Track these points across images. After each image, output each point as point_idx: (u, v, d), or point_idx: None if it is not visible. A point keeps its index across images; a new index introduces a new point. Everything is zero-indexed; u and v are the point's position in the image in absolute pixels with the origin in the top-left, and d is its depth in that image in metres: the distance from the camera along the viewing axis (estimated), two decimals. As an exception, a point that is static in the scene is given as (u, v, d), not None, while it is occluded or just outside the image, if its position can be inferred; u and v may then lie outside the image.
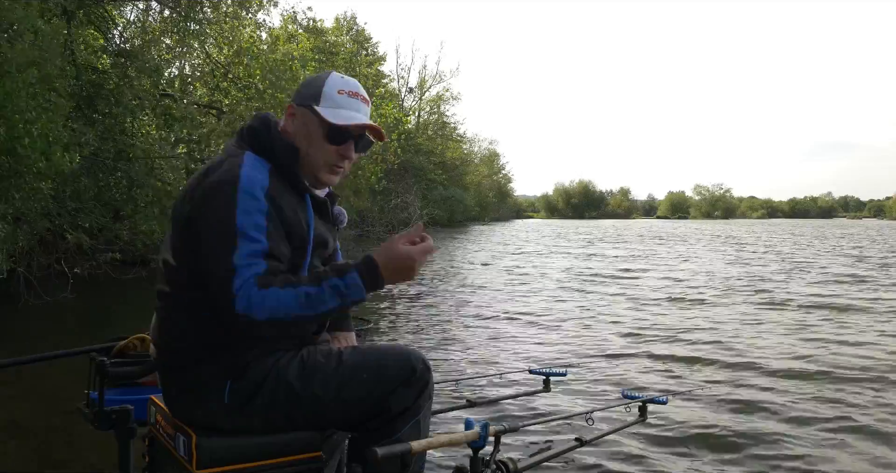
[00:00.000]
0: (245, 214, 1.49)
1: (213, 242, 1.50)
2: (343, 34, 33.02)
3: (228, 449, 1.54)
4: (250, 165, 1.58)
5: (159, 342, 1.67)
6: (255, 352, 1.58)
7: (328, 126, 1.67)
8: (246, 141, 1.68)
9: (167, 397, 1.66)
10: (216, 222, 1.50)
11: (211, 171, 1.59)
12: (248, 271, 1.45)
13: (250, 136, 1.68)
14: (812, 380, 4.76)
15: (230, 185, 1.52)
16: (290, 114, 1.71)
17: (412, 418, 1.66)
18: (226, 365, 1.57)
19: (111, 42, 11.69)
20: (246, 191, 1.51)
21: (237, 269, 1.44)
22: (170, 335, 1.63)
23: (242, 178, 1.53)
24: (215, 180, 1.55)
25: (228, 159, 1.61)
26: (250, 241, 1.47)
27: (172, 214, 1.65)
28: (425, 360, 1.72)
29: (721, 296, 9.57)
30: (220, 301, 1.45)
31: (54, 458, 3.20)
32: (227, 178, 1.54)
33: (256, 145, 1.65)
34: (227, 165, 1.58)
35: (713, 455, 3.29)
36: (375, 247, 1.60)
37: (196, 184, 1.60)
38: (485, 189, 58.66)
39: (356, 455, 1.70)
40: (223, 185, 1.53)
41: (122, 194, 10.08)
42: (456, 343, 6.03)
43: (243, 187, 1.51)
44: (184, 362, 1.59)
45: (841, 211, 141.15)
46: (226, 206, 1.50)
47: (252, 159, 1.60)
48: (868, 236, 31.98)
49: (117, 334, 2.17)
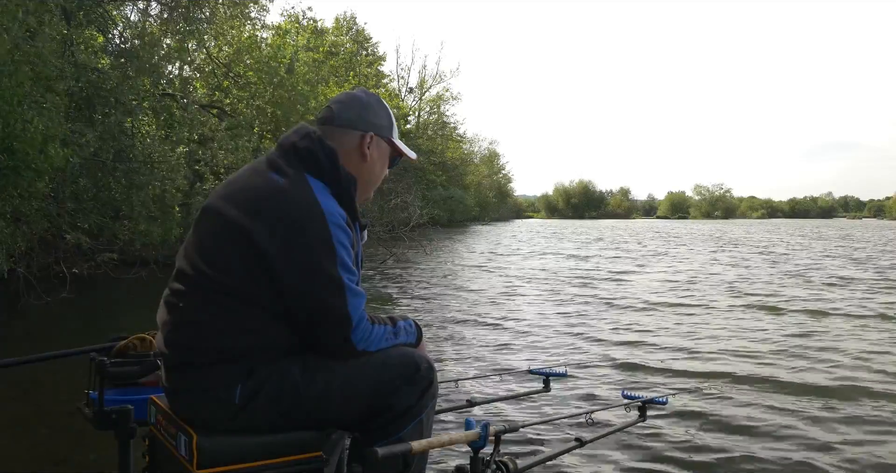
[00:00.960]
0: (342, 246, 1.57)
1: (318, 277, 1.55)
2: (343, 34, 33.04)
3: (229, 449, 1.54)
4: (320, 191, 1.61)
5: (174, 340, 1.61)
6: (267, 357, 1.58)
7: (398, 156, 1.87)
8: (303, 162, 1.65)
9: (172, 395, 1.65)
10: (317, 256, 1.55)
11: (278, 190, 1.58)
12: (360, 310, 1.60)
13: (308, 158, 1.65)
14: (812, 381, 4.76)
15: (318, 214, 1.56)
16: (371, 144, 1.78)
17: (415, 417, 1.67)
18: (240, 369, 1.57)
19: (111, 42, 11.68)
20: (335, 223, 1.57)
21: (352, 313, 1.58)
22: (189, 335, 1.59)
23: (325, 207, 1.58)
24: (296, 206, 1.56)
25: (293, 181, 1.60)
26: (351, 274, 1.59)
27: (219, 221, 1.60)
28: (429, 360, 1.73)
29: (721, 297, 9.57)
30: (338, 339, 1.59)
31: (54, 458, 3.20)
32: (310, 206, 1.57)
33: (315, 169, 1.65)
34: (298, 189, 1.59)
35: (713, 456, 3.29)
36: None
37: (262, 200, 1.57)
38: (485, 189, 58.71)
39: (357, 454, 1.71)
40: (310, 214, 1.56)
41: (122, 194, 10.07)
42: (456, 343, 6.03)
43: (332, 220, 1.57)
44: (200, 362, 1.57)
45: (841, 211, 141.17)
46: (323, 238, 1.55)
47: (317, 185, 1.62)
48: (868, 240, 31.98)
49: (117, 334, 2.16)
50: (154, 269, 10.13)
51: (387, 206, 20.53)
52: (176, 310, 1.62)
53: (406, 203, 21.67)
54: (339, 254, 1.56)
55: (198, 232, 1.65)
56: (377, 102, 1.82)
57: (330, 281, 1.55)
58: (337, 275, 1.55)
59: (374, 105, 1.80)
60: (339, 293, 1.55)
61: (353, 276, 1.59)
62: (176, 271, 1.65)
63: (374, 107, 1.80)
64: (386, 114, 1.82)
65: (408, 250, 17.57)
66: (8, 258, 7.28)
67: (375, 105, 1.81)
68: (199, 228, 1.66)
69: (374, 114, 1.79)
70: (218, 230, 1.60)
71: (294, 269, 1.54)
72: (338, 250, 1.56)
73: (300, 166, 1.64)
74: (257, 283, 1.54)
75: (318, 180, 1.63)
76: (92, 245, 9.44)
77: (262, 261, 1.53)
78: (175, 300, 1.62)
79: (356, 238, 1.68)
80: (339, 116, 1.76)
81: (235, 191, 1.64)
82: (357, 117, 1.77)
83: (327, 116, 1.78)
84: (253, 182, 1.63)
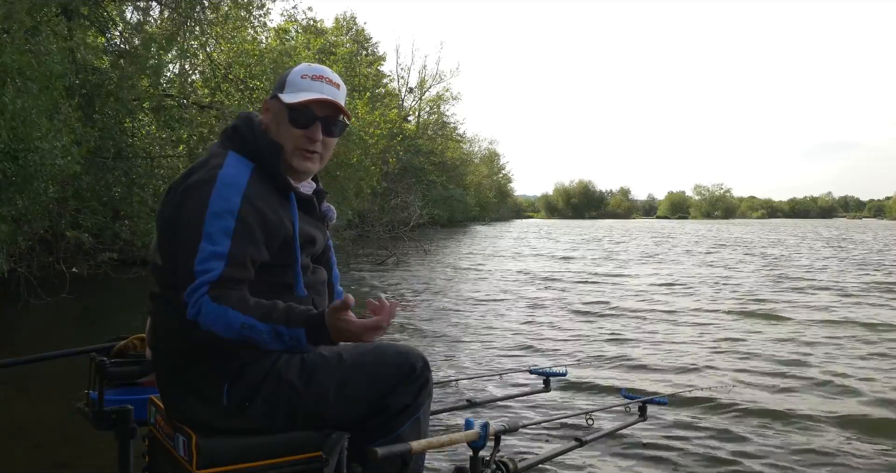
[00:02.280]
0: (214, 216, 1.48)
1: (179, 244, 1.50)
2: (343, 34, 33.04)
3: (228, 449, 1.54)
4: (231, 165, 1.57)
5: (154, 344, 1.66)
6: (252, 353, 1.57)
7: (289, 109, 1.65)
8: (229, 141, 1.66)
9: (165, 399, 1.65)
10: (186, 223, 1.50)
11: (192, 172, 1.59)
12: (203, 276, 1.44)
13: (234, 136, 1.67)
14: (811, 382, 4.76)
15: (206, 185, 1.51)
16: (266, 109, 1.71)
17: (412, 415, 1.67)
18: (222, 367, 1.56)
19: (111, 42, 11.69)
20: (220, 193, 1.50)
21: (195, 274, 1.45)
22: (164, 337, 1.62)
23: (219, 179, 1.52)
24: (193, 181, 1.55)
25: (210, 160, 1.60)
26: (212, 244, 1.46)
27: (158, 215, 1.64)
28: (424, 358, 1.73)
29: (721, 298, 9.58)
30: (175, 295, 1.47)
31: (54, 458, 3.20)
32: (205, 178, 1.53)
33: (239, 145, 1.64)
34: (208, 166, 1.57)
35: (713, 455, 3.29)
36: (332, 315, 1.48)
37: (177, 185, 1.59)
38: (485, 189, 58.70)
39: (356, 454, 1.71)
40: (200, 185, 1.53)
41: (122, 193, 10.08)
42: (456, 343, 6.03)
43: (218, 189, 1.50)
44: (180, 364, 1.58)
45: (841, 211, 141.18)
46: (198, 207, 1.50)
47: (234, 160, 1.59)
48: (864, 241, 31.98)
49: (117, 334, 2.16)
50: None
51: (387, 206, 20.54)
52: (152, 313, 1.65)
53: (406, 203, 21.67)
54: (208, 216, 1.47)
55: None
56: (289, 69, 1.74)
57: (187, 236, 1.48)
58: (197, 230, 1.47)
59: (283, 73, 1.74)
60: (191, 248, 1.46)
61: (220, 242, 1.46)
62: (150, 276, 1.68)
63: (282, 74, 1.74)
64: (285, 74, 1.71)
65: (408, 250, 17.58)
66: (9, 258, 7.28)
67: (284, 72, 1.74)
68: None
69: (276, 82, 1.73)
70: (157, 225, 1.64)
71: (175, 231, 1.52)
72: (209, 214, 1.47)
73: (228, 145, 1.65)
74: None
75: (240, 156, 1.61)
76: (92, 245, 9.44)
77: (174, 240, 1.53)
78: (150, 302, 1.65)
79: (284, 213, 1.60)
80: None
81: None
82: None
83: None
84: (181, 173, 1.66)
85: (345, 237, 17.41)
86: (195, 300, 1.44)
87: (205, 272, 1.45)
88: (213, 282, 1.44)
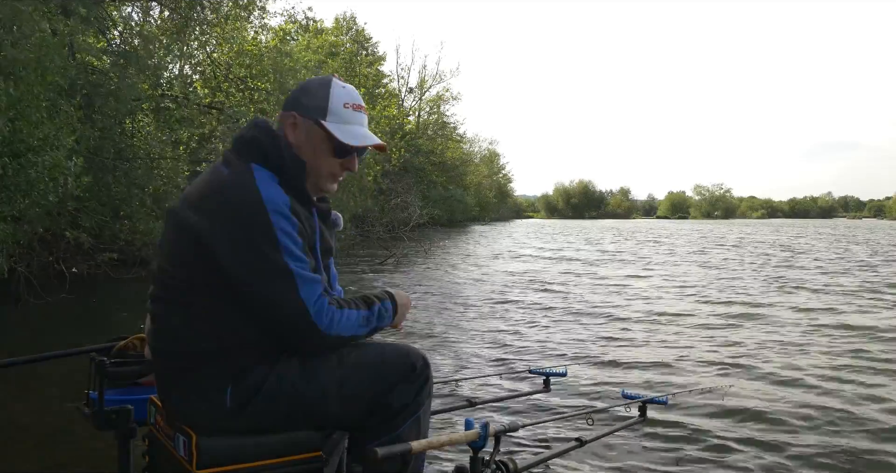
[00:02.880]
0: (285, 235, 1.52)
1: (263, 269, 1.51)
2: (343, 34, 33.05)
3: (228, 449, 1.54)
4: (263, 180, 1.57)
5: (157, 346, 1.64)
6: (255, 355, 1.58)
7: (338, 143, 1.69)
8: (249, 152, 1.64)
9: (166, 402, 1.65)
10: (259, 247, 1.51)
11: (220, 183, 1.57)
12: (315, 295, 1.55)
13: (255, 148, 1.64)
14: (812, 382, 4.75)
15: (257, 204, 1.52)
16: (294, 124, 1.69)
17: (412, 414, 1.67)
18: (226, 369, 1.56)
19: (111, 42, 11.68)
20: (276, 211, 1.52)
21: (306, 300, 1.53)
22: (168, 340, 1.61)
23: (265, 196, 1.53)
24: (236, 198, 1.53)
25: (236, 172, 1.59)
26: (299, 262, 1.54)
27: (174, 221, 1.62)
28: (425, 357, 1.73)
29: (721, 299, 9.57)
30: (300, 327, 1.55)
31: (54, 458, 3.19)
32: (250, 196, 1.53)
33: (261, 158, 1.63)
34: (240, 180, 1.56)
35: (713, 456, 3.29)
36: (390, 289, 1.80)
37: (206, 195, 1.57)
38: (485, 189, 58.69)
39: (356, 454, 1.71)
40: (250, 204, 1.52)
41: (122, 193, 10.07)
42: (456, 343, 6.02)
43: (273, 208, 1.52)
44: (184, 366, 1.58)
45: (841, 211, 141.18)
46: (263, 229, 1.51)
47: (263, 176, 1.59)
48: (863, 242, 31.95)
49: (117, 334, 2.16)
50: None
51: (387, 206, 20.53)
52: (155, 316, 1.64)
53: (406, 203, 21.67)
54: (281, 242, 1.52)
55: (164, 235, 1.67)
56: (319, 84, 1.71)
57: (276, 270, 1.52)
58: (283, 262, 1.52)
59: (312, 86, 1.72)
60: (288, 281, 1.52)
61: (302, 263, 1.54)
62: (152, 276, 1.67)
63: (312, 88, 1.71)
64: (323, 95, 1.68)
65: (408, 250, 17.57)
66: (8, 258, 7.27)
67: (314, 86, 1.71)
68: (165, 231, 1.67)
69: (306, 94, 1.70)
70: (175, 231, 1.61)
71: (239, 263, 1.52)
72: (280, 238, 1.52)
73: (247, 157, 1.63)
74: (215, 278, 1.54)
75: (264, 169, 1.60)
76: (92, 245, 9.44)
77: (213, 258, 1.52)
78: (153, 305, 1.64)
79: (311, 225, 1.65)
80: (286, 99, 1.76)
81: (190, 189, 1.65)
82: (293, 99, 1.72)
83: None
84: (204, 178, 1.65)
85: (345, 237, 17.39)
86: (327, 319, 1.56)
87: (315, 296, 1.55)
88: (326, 298, 1.57)
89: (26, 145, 6.41)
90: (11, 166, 6.36)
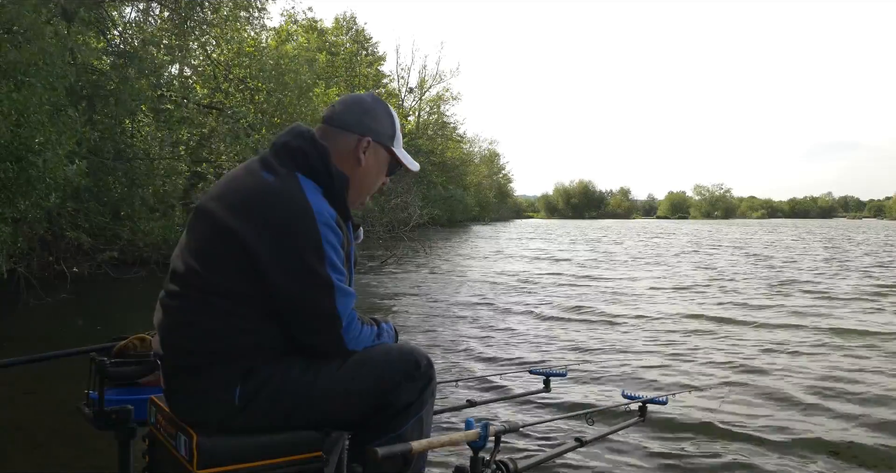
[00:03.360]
0: (331, 247, 1.56)
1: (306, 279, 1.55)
2: (343, 34, 33.06)
3: (229, 449, 1.54)
4: (311, 191, 1.59)
5: (171, 342, 1.62)
6: (265, 356, 1.59)
7: (398, 165, 1.83)
8: (294, 161, 1.64)
9: (171, 398, 1.64)
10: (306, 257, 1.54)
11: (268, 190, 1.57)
12: (349, 309, 1.61)
13: (300, 158, 1.64)
14: (811, 382, 4.76)
15: (307, 215, 1.54)
16: (365, 148, 1.75)
17: (415, 414, 1.67)
18: (237, 369, 1.57)
19: (111, 43, 11.68)
20: (325, 223, 1.56)
21: (342, 313, 1.59)
22: (182, 336, 1.59)
23: (315, 207, 1.56)
24: (286, 207, 1.55)
25: (283, 180, 1.59)
26: (340, 274, 1.58)
27: (209, 222, 1.60)
28: (428, 357, 1.74)
29: (721, 298, 9.58)
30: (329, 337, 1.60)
31: (54, 458, 3.20)
32: (301, 206, 1.55)
33: (306, 168, 1.63)
34: (289, 189, 1.57)
35: (713, 455, 3.29)
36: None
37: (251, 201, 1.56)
38: (485, 189, 58.74)
39: (356, 454, 1.71)
40: (300, 214, 1.54)
41: (123, 193, 10.08)
42: (456, 343, 6.03)
43: (322, 220, 1.56)
44: (195, 363, 1.57)
45: (841, 211, 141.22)
46: (312, 239, 1.54)
47: (308, 185, 1.60)
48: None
49: (117, 334, 2.16)
50: (154, 269, 10.12)
51: (387, 206, 20.51)
52: (171, 312, 1.62)
53: (406, 203, 21.66)
54: (327, 254, 1.55)
55: (191, 233, 1.65)
56: (383, 109, 1.80)
57: (319, 281, 1.55)
58: (326, 275, 1.55)
59: (378, 111, 1.78)
60: (328, 293, 1.56)
61: (342, 276, 1.59)
62: (170, 273, 1.65)
63: (378, 113, 1.78)
64: (390, 122, 1.79)
65: (408, 250, 17.57)
66: (8, 259, 7.28)
67: (380, 111, 1.79)
68: (192, 229, 1.65)
69: (375, 119, 1.77)
70: (210, 232, 1.60)
71: (283, 270, 1.54)
72: (326, 250, 1.55)
73: (292, 165, 1.63)
74: (250, 284, 1.54)
75: (309, 180, 1.62)
76: (92, 245, 9.44)
77: (253, 262, 1.53)
78: (170, 301, 1.62)
79: (348, 238, 1.68)
80: (340, 116, 1.76)
81: (228, 192, 1.63)
82: (356, 121, 1.75)
83: (328, 115, 1.78)
84: (244, 182, 1.63)
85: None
86: (355, 333, 1.63)
87: (349, 310, 1.61)
88: (356, 313, 1.64)
89: (27, 147, 6.41)
90: (13, 169, 6.36)
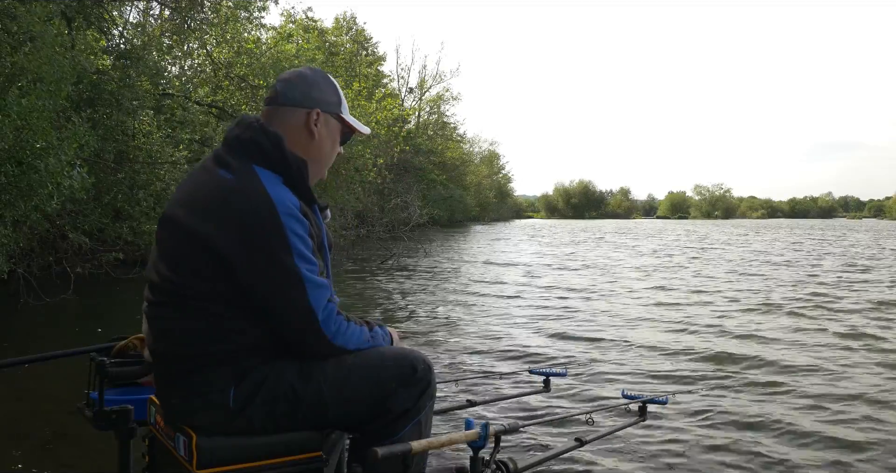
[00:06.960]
0: (297, 238, 1.53)
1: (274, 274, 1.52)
2: (343, 34, 33.04)
3: (228, 449, 1.54)
4: (270, 182, 1.56)
5: (159, 350, 1.61)
6: (258, 356, 1.58)
7: (350, 132, 1.80)
8: (248, 153, 1.61)
9: (166, 404, 1.64)
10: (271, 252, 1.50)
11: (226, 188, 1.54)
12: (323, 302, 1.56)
13: (254, 150, 1.61)
14: (811, 381, 4.76)
15: (269, 208, 1.51)
16: (317, 122, 1.71)
17: (413, 418, 1.66)
18: (230, 371, 1.56)
19: (112, 43, 11.68)
20: (288, 214, 1.52)
21: (315, 306, 1.55)
22: (169, 343, 1.58)
23: (276, 199, 1.52)
24: (246, 203, 1.51)
25: (241, 176, 1.56)
26: (309, 264, 1.55)
27: (172, 228, 1.59)
28: (427, 360, 1.72)
29: (721, 297, 9.58)
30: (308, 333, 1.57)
31: (54, 458, 3.20)
32: (261, 201, 1.51)
33: (262, 159, 1.60)
34: (247, 184, 1.54)
35: (713, 455, 3.29)
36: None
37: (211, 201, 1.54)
38: (485, 189, 58.65)
39: (357, 455, 1.70)
40: (261, 209, 1.51)
41: (124, 194, 10.07)
42: (456, 344, 6.02)
43: (284, 211, 1.52)
44: (186, 368, 1.56)
45: (841, 211, 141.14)
46: (276, 233, 1.50)
47: (267, 176, 1.57)
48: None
49: (117, 334, 2.16)
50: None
51: (387, 206, 20.52)
52: (154, 321, 1.61)
53: (406, 203, 21.68)
54: (293, 245, 1.52)
55: (160, 243, 1.63)
56: (323, 78, 1.77)
57: (288, 275, 1.52)
58: (294, 267, 1.52)
59: (319, 81, 1.75)
60: (297, 286, 1.52)
61: (313, 266, 1.55)
62: (148, 284, 1.63)
63: (320, 83, 1.75)
64: (333, 90, 1.77)
65: (407, 250, 17.57)
66: (8, 259, 7.27)
67: (321, 81, 1.76)
68: (159, 237, 1.63)
69: (320, 90, 1.74)
70: (176, 238, 1.58)
71: (252, 267, 1.51)
72: (293, 241, 1.52)
73: (246, 158, 1.60)
74: (225, 285, 1.52)
75: (266, 170, 1.58)
76: (93, 246, 9.43)
77: (223, 263, 1.51)
78: (151, 311, 1.61)
79: (317, 224, 1.65)
80: (284, 94, 1.72)
81: (186, 194, 1.61)
82: (303, 95, 1.72)
83: (272, 96, 1.74)
84: (202, 182, 1.61)
85: (346, 237, 17.38)
86: (334, 327, 1.58)
87: (324, 302, 1.56)
88: (334, 305, 1.60)
89: (29, 150, 6.41)
90: (14, 173, 6.36)
